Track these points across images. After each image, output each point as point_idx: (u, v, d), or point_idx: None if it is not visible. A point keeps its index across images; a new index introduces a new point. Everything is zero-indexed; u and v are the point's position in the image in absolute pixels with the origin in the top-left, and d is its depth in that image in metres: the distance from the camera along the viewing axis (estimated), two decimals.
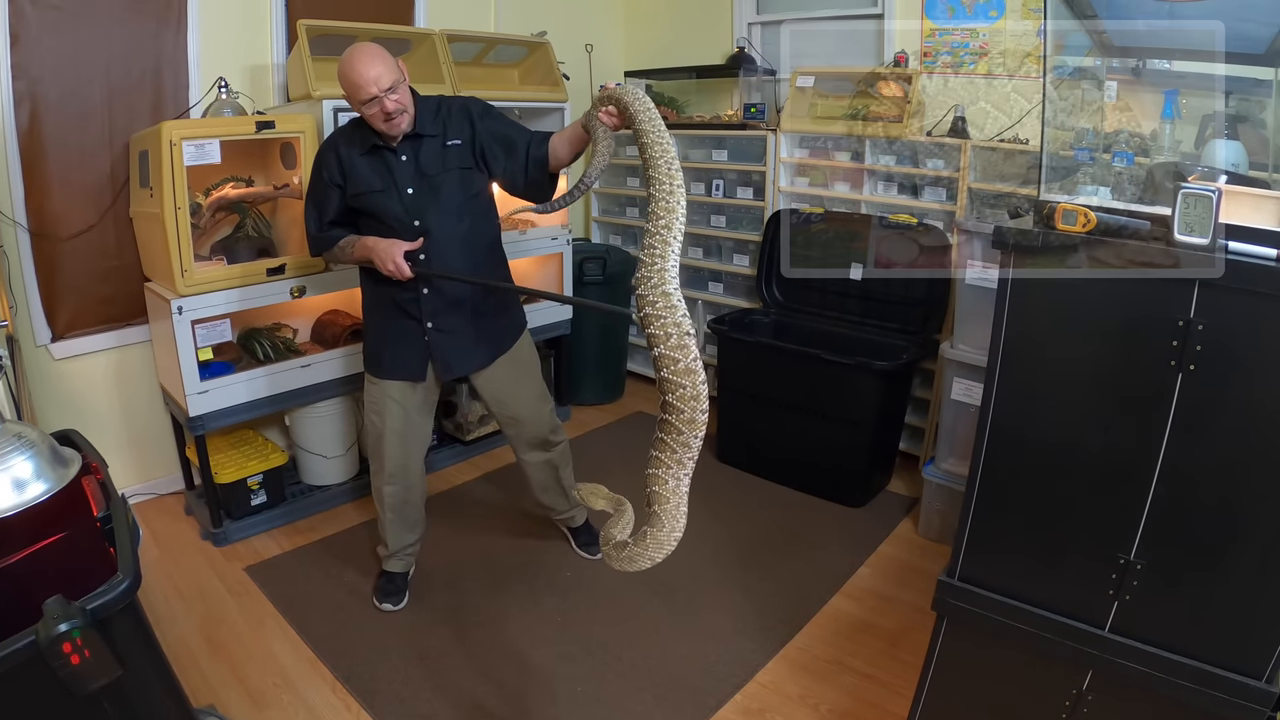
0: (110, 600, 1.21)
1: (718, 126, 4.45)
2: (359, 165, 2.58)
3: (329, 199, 2.64)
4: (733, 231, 4.47)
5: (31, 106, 3.07)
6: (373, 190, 2.59)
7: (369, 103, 2.41)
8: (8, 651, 1.10)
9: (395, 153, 2.57)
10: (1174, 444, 1.35)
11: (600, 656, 2.68)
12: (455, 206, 2.63)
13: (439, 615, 2.87)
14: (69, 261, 3.29)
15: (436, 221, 2.60)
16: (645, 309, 1.62)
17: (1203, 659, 1.41)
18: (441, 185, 2.60)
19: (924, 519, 3.42)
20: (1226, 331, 1.27)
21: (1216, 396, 1.31)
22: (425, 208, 2.60)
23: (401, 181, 2.58)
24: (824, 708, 2.48)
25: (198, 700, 2.43)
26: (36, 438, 1.46)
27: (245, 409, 3.32)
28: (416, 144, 2.57)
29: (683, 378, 1.56)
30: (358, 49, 2.41)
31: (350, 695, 2.51)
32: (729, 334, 3.89)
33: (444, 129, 2.59)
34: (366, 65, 2.38)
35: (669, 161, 1.77)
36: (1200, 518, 1.38)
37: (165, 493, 3.76)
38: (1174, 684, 1.44)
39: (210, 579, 3.12)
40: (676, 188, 1.76)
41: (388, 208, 2.59)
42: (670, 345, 1.57)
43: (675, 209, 1.73)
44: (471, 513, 3.62)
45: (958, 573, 1.70)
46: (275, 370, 3.39)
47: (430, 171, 2.59)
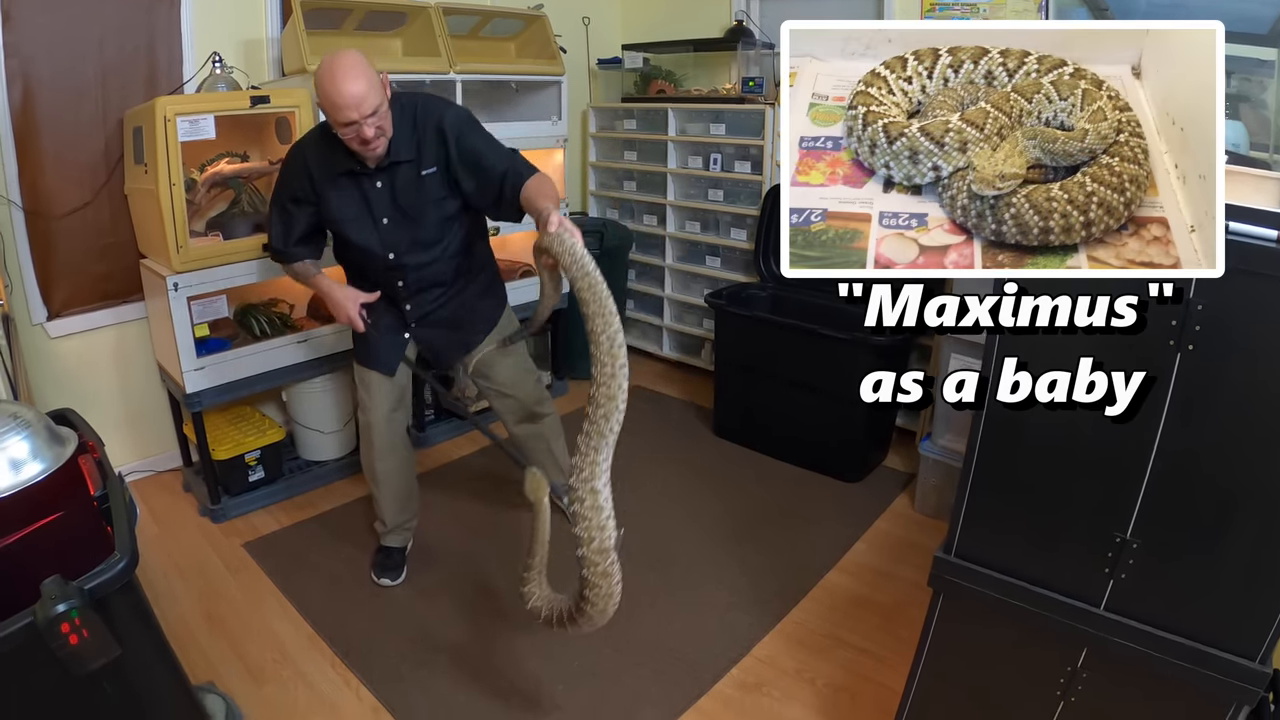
0: (108, 579, 1.21)
1: (716, 100, 4.43)
2: (331, 189, 2.49)
3: (297, 217, 2.56)
4: (730, 205, 4.45)
5: (24, 84, 3.04)
6: (345, 219, 2.52)
7: (347, 126, 2.25)
8: (6, 633, 1.11)
9: (370, 177, 2.47)
10: (1172, 424, 1.35)
11: (596, 631, 2.69)
12: (431, 237, 2.57)
13: (437, 589, 2.88)
14: (64, 239, 3.27)
15: (412, 253, 2.57)
16: (575, 505, 1.82)
17: (1197, 638, 1.42)
18: (418, 217, 2.52)
19: (920, 494, 3.43)
20: (1226, 313, 1.27)
21: (1215, 378, 1.31)
22: (400, 239, 2.55)
23: (377, 211, 2.51)
24: (820, 682, 2.49)
25: (197, 677, 2.44)
26: (32, 417, 1.45)
27: (242, 385, 3.32)
28: (392, 172, 2.46)
29: (601, 580, 1.83)
30: (339, 62, 2.22)
31: (349, 670, 2.52)
32: (726, 308, 3.88)
33: (419, 153, 2.45)
34: (348, 83, 2.19)
35: (610, 337, 1.76)
36: (1197, 498, 1.38)
37: (163, 470, 3.76)
38: (1168, 663, 1.45)
39: (209, 555, 3.13)
40: (619, 369, 1.77)
41: (361, 238, 2.54)
42: (593, 549, 1.82)
43: (616, 396, 1.79)
44: (469, 487, 3.63)
45: (954, 549, 1.71)
46: (272, 346, 3.38)
47: (406, 203, 2.50)
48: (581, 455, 1.82)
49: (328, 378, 3.63)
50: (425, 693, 2.43)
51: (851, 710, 2.38)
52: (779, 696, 2.44)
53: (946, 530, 1.74)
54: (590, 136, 5.11)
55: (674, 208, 4.74)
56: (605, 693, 2.44)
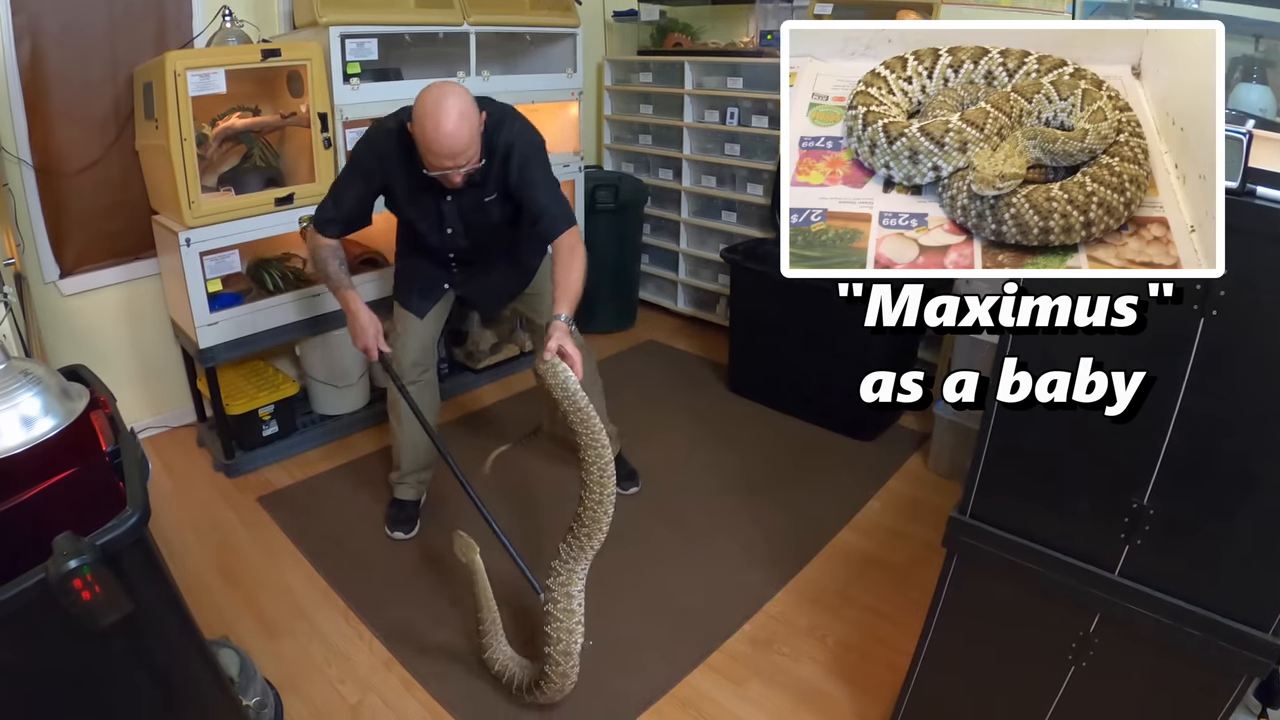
0: (120, 535, 1.21)
1: (733, 54, 4.36)
2: (404, 187, 2.53)
3: (358, 198, 2.56)
4: (747, 160, 4.39)
5: (32, 41, 3.00)
6: (415, 217, 2.62)
7: (441, 170, 2.31)
8: (19, 589, 1.11)
9: (443, 193, 2.51)
10: (1192, 390, 1.33)
11: (610, 585, 2.70)
12: (490, 241, 2.70)
13: (451, 544, 2.88)
14: (75, 197, 3.25)
15: (472, 253, 2.72)
16: (549, 606, 2.07)
17: (1210, 608, 1.40)
18: (481, 227, 2.63)
19: (934, 454, 3.42)
20: (1252, 279, 1.24)
21: (1238, 344, 1.28)
22: (462, 245, 2.68)
23: (446, 219, 2.60)
24: (831, 640, 2.50)
25: (211, 631, 2.47)
26: (43, 374, 1.45)
27: (255, 340, 3.33)
28: (461, 192, 2.51)
29: (559, 677, 2.08)
30: (447, 107, 2.22)
31: (362, 624, 2.54)
32: (742, 263, 3.85)
33: (484, 178, 2.49)
34: (451, 138, 2.23)
35: (601, 468, 1.96)
36: (1215, 466, 1.36)
37: (177, 425, 3.79)
38: (1180, 631, 1.43)
39: (223, 510, 3.15)
40: (607, 497, 1.98)
41: (426, 234, 2.66)
42: (558, 650, 2.06)
43: (601, 521, 1.99)
44: (484, 441, 3.63)
45: (970, 510, 1.70)
46: (285, 300, 3.39)
47: (471, 218, 2.60)
48: (562, 562, 2.05)
49: (341, 332, 3.61)
50: (437, 646, 2.45)
51: (861, 669, 2.39)
52: (790, 654, 2.45)
53: (960, 491, 1.72)
54: (605, 90, 5.04)
55: (690, 162, 4.69)
56: (617, 646, 2.45)
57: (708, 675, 2.38)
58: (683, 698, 2.30)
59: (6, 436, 1.27)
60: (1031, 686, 1.71)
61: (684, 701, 2.29)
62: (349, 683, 2.35)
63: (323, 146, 3.25)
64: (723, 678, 2.37)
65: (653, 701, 2.28)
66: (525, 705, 2.23)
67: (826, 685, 2.35)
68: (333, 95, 3.24)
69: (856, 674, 2.38)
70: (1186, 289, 1.27)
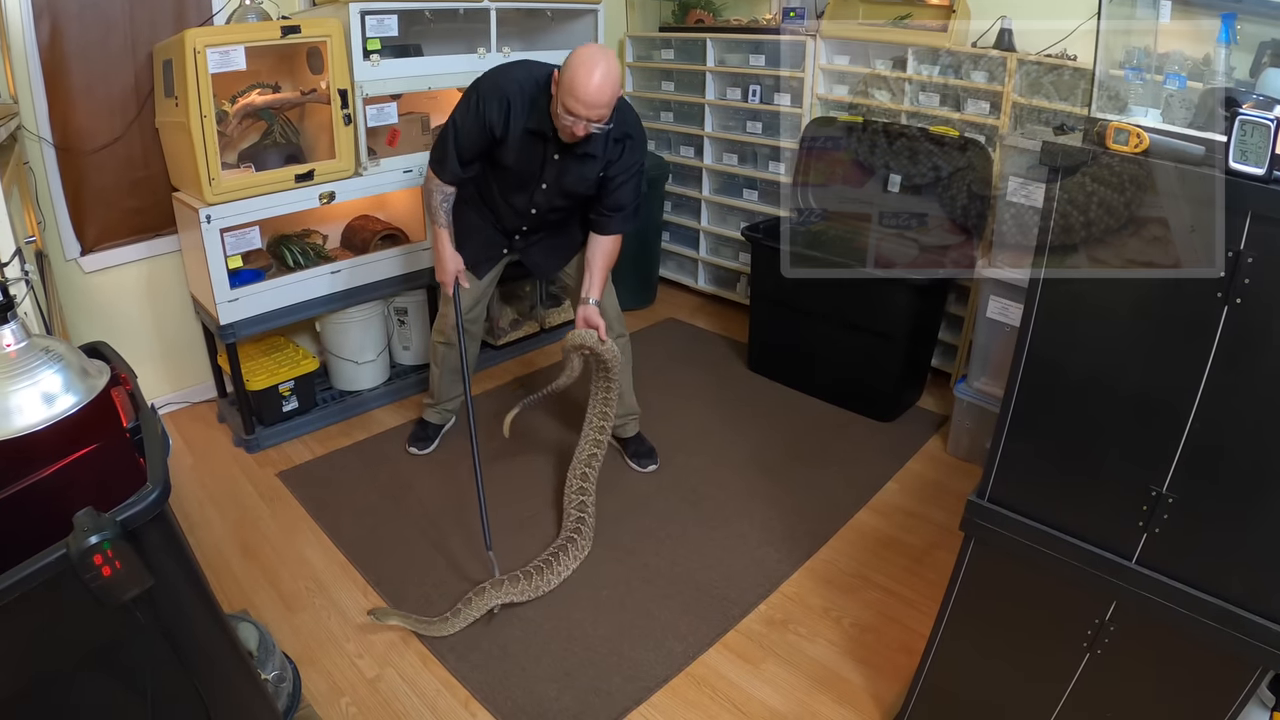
0: (140, 511, 1.22)
1: (756, 31, 4.31)
2: (517, 136, 2.60)
3: (475, 143, 2.65)
4: (769, 138, 4.35)
5: (52, 20, 3.00)
6: (516, 168, 2.69)
7: (572, 116, 2.40)
8: (40, 565, 1.12)
9: (555, 145, 2.60)
10: (1215, 379, 1.31)
11: (627, 562, 2.71)
12: (570, 205, 2.83)
13: (468, 517, 2.90)
14: (96, 174, 3.26)
15: (548, 210, 2.83)
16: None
17: (1227, 598, 1.39)
18: (571, 193, 2.75)
19: (953, 437, 3.40)
20: (1278, 266, 1.21)
21: (1262, 333, 1.25)
22: (547, 201, 2.78)
23: (545, 174, 2.70)
24: (846, 621, 2.50)
25: (231, 605, 2.50)
26: (64, 350, 1.46)
27: (276, 316, 3.34)
28: (571, 152, 2.61)
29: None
30: (601, 62, 2.37)
31: (381, 598, 2.56)
32: (763, 242, 3.81)
33: (596, 149, 2.61)
34: (599, 91, 2.36)
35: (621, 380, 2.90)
36: (1236, 456, 1.34)
37: (198, 401, 3.81)
38: (1197, 621, 1.42)
39: (243, 485, 3.18)
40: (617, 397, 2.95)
41: (518, 182, 2.75)
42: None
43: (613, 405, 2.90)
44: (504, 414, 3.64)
45: (988, 494, 1.68)
46: (305, 277, 3.40)
47: (567, 183, 2.70)
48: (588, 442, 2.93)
49: (362, 308, 3.63)
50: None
51: (877, 650, 2.40)
52: (805, 634, 2.46)
53: (978, 474, 1.71)
54: (627, 66, 5.00)
55: (711, 139, 4.66)
56: (633, 624, 2.46)
57: (723, 654, 2.39)
58: (698, 675, 2.31)
59: (28, 414, 1.28)
60: (1046, 672, 1.70)
61: (699, 680, 2.30)
62: (367, 657, 2.37)
63: (343, 123, 3.25)
64: (738, 657, 2.38)
65: (669, 679, 2.29)
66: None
67: (841, 666, 2.35)
68: (353, 72, 3.23)
69: (871, 655, 2.38)
70: None
